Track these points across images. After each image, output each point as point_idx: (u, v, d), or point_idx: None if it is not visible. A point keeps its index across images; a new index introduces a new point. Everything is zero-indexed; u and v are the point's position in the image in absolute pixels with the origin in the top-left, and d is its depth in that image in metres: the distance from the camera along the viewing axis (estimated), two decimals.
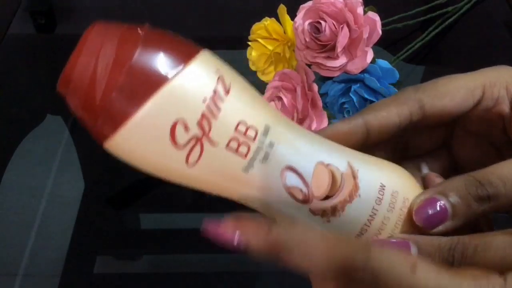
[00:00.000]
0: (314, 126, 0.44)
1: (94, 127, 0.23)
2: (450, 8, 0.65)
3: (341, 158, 0.26)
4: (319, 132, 0.28)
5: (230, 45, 0.68)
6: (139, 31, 0.24)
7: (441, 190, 0.25)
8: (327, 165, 0.25)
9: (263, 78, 0.49)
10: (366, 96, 0.44)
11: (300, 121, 0.45)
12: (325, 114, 0.44)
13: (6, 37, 0.68)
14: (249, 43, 0.48)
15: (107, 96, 0.22)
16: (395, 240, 0.25)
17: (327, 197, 0.25)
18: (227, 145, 0.23)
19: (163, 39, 0.24)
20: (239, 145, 0.24)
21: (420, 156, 0.32)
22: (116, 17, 0.73)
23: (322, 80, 0.46)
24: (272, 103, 0.46)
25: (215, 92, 0.23)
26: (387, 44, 0.63)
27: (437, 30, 0.63)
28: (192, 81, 0.23)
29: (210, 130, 0.23)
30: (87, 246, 0.51)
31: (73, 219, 0.51)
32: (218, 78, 0.24)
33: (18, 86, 0.64)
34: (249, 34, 0.48)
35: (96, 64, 0.23)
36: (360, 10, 0.43)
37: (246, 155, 0.24)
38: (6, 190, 0.54)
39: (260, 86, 0.48)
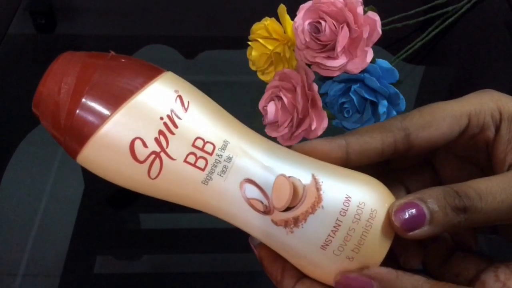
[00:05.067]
0: (314, 126, 0.44)
1: (63, 145, 0.26)
2: (450, 8, 0.65)
3: (305, 171, 0.26)
4: (297, 146, 0.28)
5: (230, 45, 0.68)
6: (101, 58, 0.26)
7: (420, 196, 0.26)
8: (289, 178, 0.26)
9: (263, 78, 0.49)
10: (366, 96, 0.44)
11: (300, 121, 0.45)
12: (325, 114, 0.44)
13: (6, 37, 0.68)
14: (249, 43, 0.48)
15: (69, 119, 0.25)
16: (361, 279, 0.25)
17: (288, 209, 0.26)
18: (185, 159, 0.26)
19: (123, 64, 0.27)
20: (196, 159, 0.26)
21: (403, 170, 0.32)
22: (115, 17, 0.73)
23: (322, 80, 0.46)
24: (272, 103, 0.46)
25: (172, 110, 0.25)
26: (387, 44, 0.63)
27: (437, 30, 0.63)
28: (149, 101, 0.25)
29: (168, 145, 0.25)
30: (87, 246, 0.51)
31: (73, 219, 0.51)
32: (177, 98, 0.26)
33: (18, 86, 0.64)
34: (249, 34, 0.48)
35: (60, 89, 0.25)
36: (360, 10, 0.43)
37: (204, 169, 0.26)
38: (6, 190, 0.54)
39: (260, 86, 0.48)
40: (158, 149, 0.25)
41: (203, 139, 0.26)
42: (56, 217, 0.53)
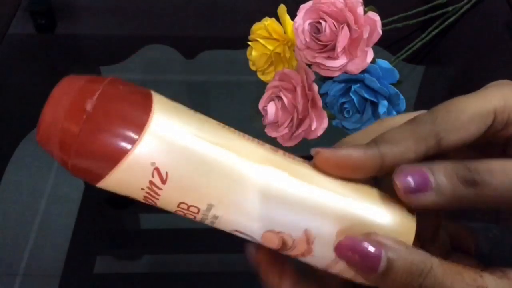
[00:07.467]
0: (314, 126, 0.44)
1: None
2: (450, 8, 0.65)
3: (297, 226, 0.25)
4: (328, 153, 0.26)
5: (230, 45, 0.68)
6: (86, 106, 0.25)
7: (429, 166, 0.25)
8: (278, 233, 0.25)
9: (263, 78, 0.49)
10: (366, 96, 0.44)
11: (300, 121, 0.45)
12: (325, 114, 0.45)
13: (6, 37, 0.68)
14: (249, 43, 0.48)
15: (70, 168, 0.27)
16: (371, 249, 0.24)
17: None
18: (174, 213, 0.26)
19: (108, 118, 0.25)
20: (184, 215, 0.26)
21: None
22: (115, 17, 0.73)
23: (322, 80, 0.46)
24: (272, 103, 0.46)
25: (151, 183, 0.25)
26: (387, 44, 0.63)
27: (437, 30, 0.63)
28: (129, 174, 0.25)
29: (156, 205, 0.26)
30: (87, 246, 0.51)
31: (73, 219, 0.51)
32: (154, 170, 0.25)
33: (18, 86, 0.64)
34: (249, 34, 0.48)
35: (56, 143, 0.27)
36: (360, 10, 0.43)
37: (194, 219, 0.26)
38: (6, 190, 0.54)
39: (260, 86, 0.48)
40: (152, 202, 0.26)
41: (186, 204, 0.25)
42: (56, 217, 0.53)
